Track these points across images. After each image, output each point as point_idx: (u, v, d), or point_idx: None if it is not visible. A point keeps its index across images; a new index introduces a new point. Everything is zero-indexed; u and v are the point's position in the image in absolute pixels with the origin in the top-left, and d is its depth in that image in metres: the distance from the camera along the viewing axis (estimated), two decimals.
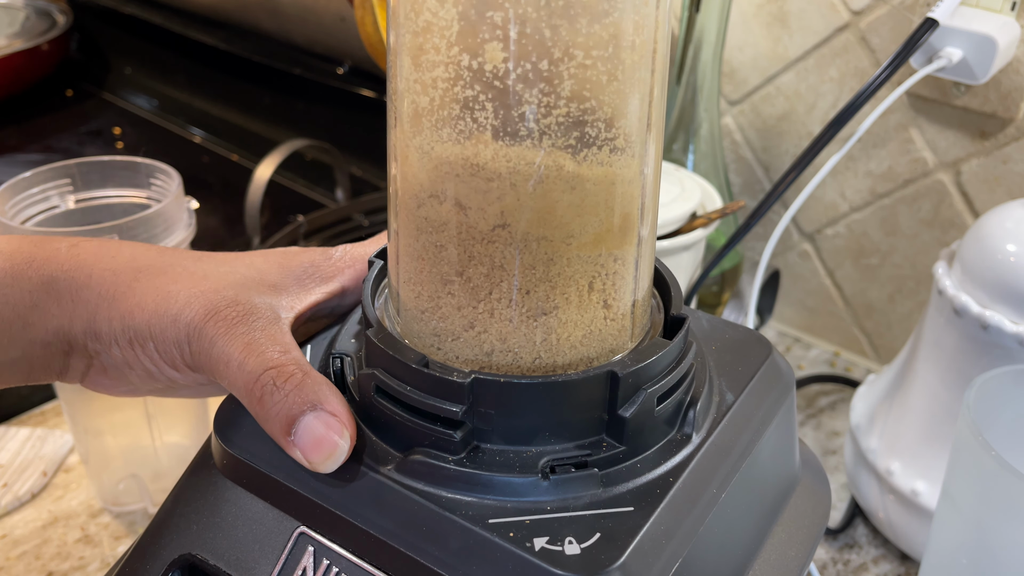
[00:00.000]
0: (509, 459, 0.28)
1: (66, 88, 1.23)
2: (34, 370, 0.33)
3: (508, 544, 0.26)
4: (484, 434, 0.28)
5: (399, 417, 0.28)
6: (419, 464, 0.28)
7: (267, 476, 0.29)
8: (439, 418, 0.28)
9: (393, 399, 0.28)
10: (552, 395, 0.27)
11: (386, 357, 0.28)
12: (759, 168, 0.76)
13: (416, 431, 0.28)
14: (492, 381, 0.27)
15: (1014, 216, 0.49)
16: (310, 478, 0.29)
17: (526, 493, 0.27)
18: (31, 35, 1.15)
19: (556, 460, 0.28)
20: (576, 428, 0.28)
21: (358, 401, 0.30)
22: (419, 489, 0.27)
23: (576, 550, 0.25)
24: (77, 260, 0.33)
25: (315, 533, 0.28)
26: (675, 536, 0.27)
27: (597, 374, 0.28)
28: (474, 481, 0.27)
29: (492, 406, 0.27)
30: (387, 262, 0.32)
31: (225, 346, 0.30)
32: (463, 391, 0.27)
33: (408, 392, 0.28)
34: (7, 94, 1.14)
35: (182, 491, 0.32)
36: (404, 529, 0.27)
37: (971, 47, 0.57)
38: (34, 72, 1.17)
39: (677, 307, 0.31)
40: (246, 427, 0.31)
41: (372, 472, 0.28)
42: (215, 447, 0.31)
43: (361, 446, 0.29)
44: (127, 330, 0.32)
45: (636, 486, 0.28)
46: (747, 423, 0.31)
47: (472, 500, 0.27)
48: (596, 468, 0.28)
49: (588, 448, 0.28)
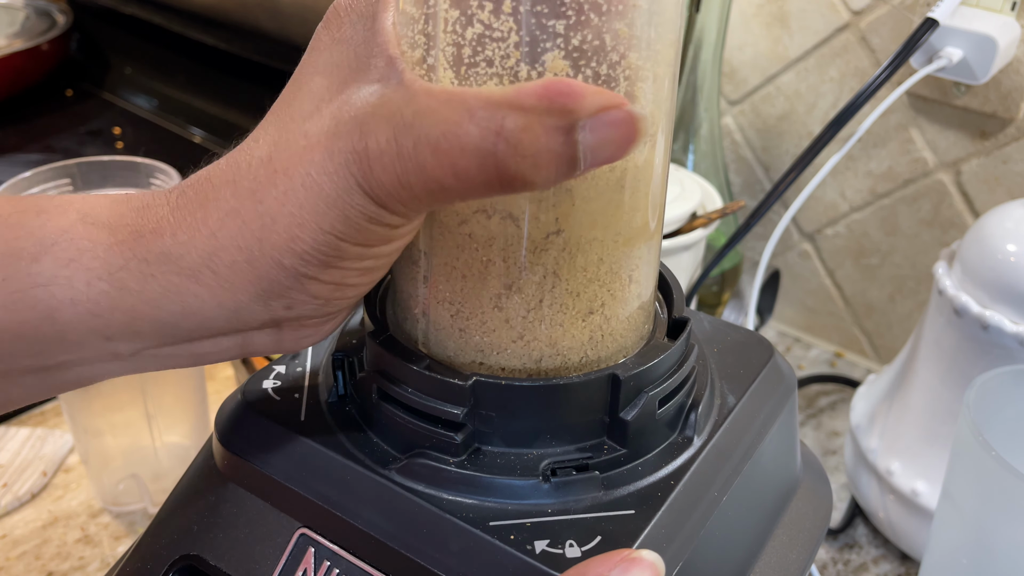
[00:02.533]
0: (510, 461, 0.28)
1: (66, 88, 1.23)
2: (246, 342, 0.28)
3: (508, 547, 0.26)
4: (485, 436, 0.28)
5: (400, 419, 0.28)
6: (420, 466, 0.27)
7: (268, 477, 0.29)
8: (441, 420, 0.27)
9: (395, 401, 0.28)
10: (553, 398, 0.27)
11: (388, 359, 0.28)
12: (759, 168, 0.76)
13: (418, 433, 0.28)
14: (493, 383, 0.27)
15: (1014, 216, 0.49)
16: (311, 479, 0.29)
17: (527, 495, 0.27)
18: (31, 35, 1.15)
19: (557, 463, 0.28)
20: (577, 431, 0.28)
21: (359, 403, 0.30)
22: (420, 491, 0.27)
23: (577, 553, 0.25)
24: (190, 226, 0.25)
25: (316, 534, 0.28)
26: (676, 539, 0.27)
27: (599, 377, 0.27)
28: (475, 483, 0.27)
29: (493, 408, 0.27)
30: None
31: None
32: (464, 393, 0.27)
33: (409, 395, 0.28)
34: (7, 94, 1.14)
35: (183, 492, 0.32)
36: (405, 531, 0.27)
37: (971, 47, 0.57)
38: (34, 72, 1.17)
39: (679, 309, 0.31)
40: (247, 428, 0.30)
41: (373, 474, 0.28)
42: (216, 448, 0.31)
43: (363, 448, 0.29)
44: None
45: (637, 489, 0.28)
46: (749, 426, 0.31)
47: (473, 502, 0.27)
48: (597, 471, 0.28)
49: (589, 451, 0.28)
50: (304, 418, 0.30)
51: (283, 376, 0.32)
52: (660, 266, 0.32)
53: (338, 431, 0.30)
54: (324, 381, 0.32)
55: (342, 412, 0.30)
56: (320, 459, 0.29)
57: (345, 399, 0.31)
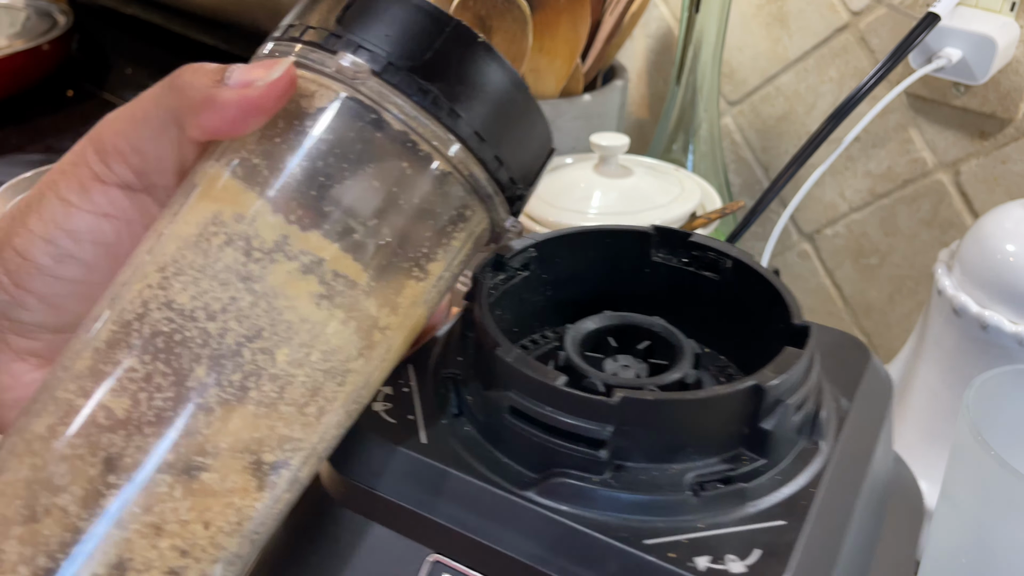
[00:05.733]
0: (653, 477, 0.27)
1: (67, 88, 1.23)
2: None
3: (671, 565, 0.25)
4: (626, 452, 0.27)
5: (537, 439, 0.27)
6: (562, 485, 0.27)
7: (392, 503, 0.28)
8: (582, 438, 0.27)
9: (530, 420, 0.27)
10: (701, 411, 0.27)
11: (522, 377, 0.27)
12: (759, 168, 0.76)
13: (556, 451, 0.27)
14: (642, 400, 0.26)
15: (1013, 216, 0.49)
16: (443, 503, 0.27)
17: (676, 511, 0.26)
18: (32, 35, 1.15)
19: (702, 476, 0.27)
20: (717, 442, 0.28)
21: (480, 421, 0.29)
22: (565, 511, 0.26)
23: (741, 568, 0.25)
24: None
25: (451, 561, 0.27)
26: (827, 546, 0.27)
27: (744, 388, 0.27)
28: (622, 501, 0.26)
29: (639, 424, 0.27)
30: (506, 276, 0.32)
31: None
32: (612, 411, 0.26)
33: (549, 413, 0.27)
34: (7, 94, 1.14)
35: (297, 521, 0.30)
36: (554, 553, 0.26)
37: (970, 47, 0.57)
38: (35, 72, 1.17)
39: (797, 315, 0.31)
40: (368, 453, 0.29)
41: (510, 495, 0.27)
42: (329, 476, 0.30)
43: (492, 468, 0.28)
44: None
45: (781, 499, 0.27)
46: (863, 428, 0.31)
47: (621, 521, 0.26)
48: (742, 482, 0.27)
49: (728, 462, 0.28)
50: (426, 440, 0.29)
51: (391, 397, 0.31)
52: (768, 273, 0.32)
53: (463, 452, 0.29)
54: (436, 400, 0.31)
55: (461, 432, 0.29)
56: (451, 482, 0.28)
57: (460, 418, 0.30)
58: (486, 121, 0.26)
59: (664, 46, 0.79)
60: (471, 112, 0.26)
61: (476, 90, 0.26)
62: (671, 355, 0.31)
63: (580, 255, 0.36)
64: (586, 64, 0.66)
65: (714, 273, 0.34)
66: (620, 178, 0.58)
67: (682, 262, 0.35)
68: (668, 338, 0.32)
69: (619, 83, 0.68)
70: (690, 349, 0.31)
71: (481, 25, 0.59)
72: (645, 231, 0.35)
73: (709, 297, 0.35)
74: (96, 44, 1.31)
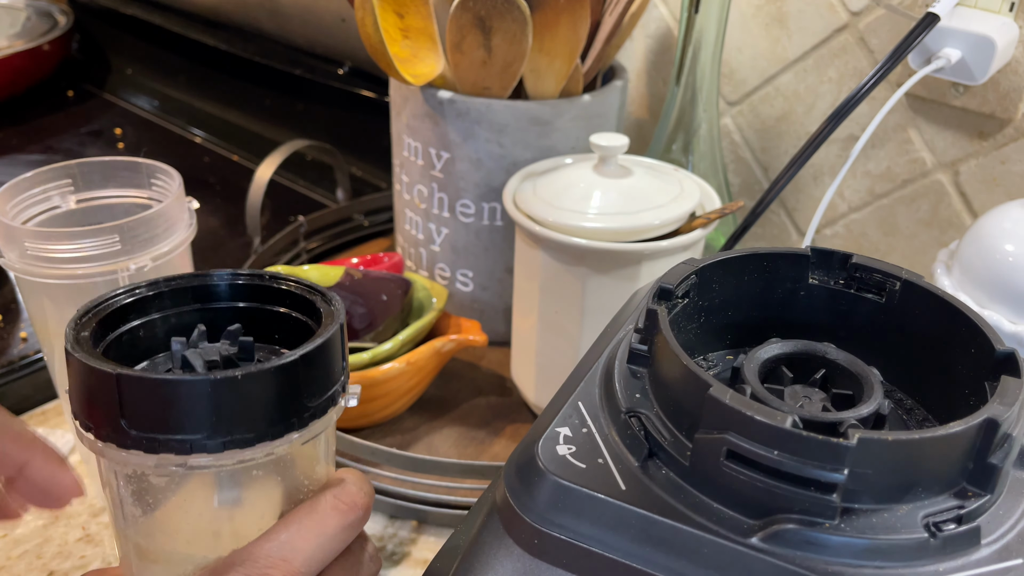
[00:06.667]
0: (884, 519, 0.26)
1: (67, 88, 1.24)
2: None
3: None
4: (854, 494, 0.26)
5: (762, 484, 0.25)
6: (790, 532, 0.25)
7: (599, 555, 0.26)
8: (812, 481, 0.25)
9: (751, 464, 0.26)
10: (937, 448, 0.26)
11: (743, 419, 0.25)
12: (758, 168, 0.76)
13: (780, 496, 0.25)
14: (881, 440, 0.25)
15: (1012, 216, 0.49)
16: (656, 554, 0.26)
17: (915, 556, 0.25)
18: (32, 35, 1.15)
19: (934, 515, 0.26)
20: (943, 479, 0.26)
21: (677, 464, 0.27)
22: (798, 559, 0.25)
23: None
24: None
25: None
26: None
27: (979, 423, 0.26)
28: (856, 546, 0.25)
29: (874, 466, 0.25)
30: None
31: None
32: (847, 452, 0.25)
33: (777, 457, 0.25)
34: (8, 94, 1.14)
35: (479, 571, 0.28)
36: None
37: (969, 48, 0.57)
38: (35, 72, 1.17)
39: (999, 341, 0.29)
40: (567, 503, 0.27)
41: (733, 544, 0.25)
42: (509, 517, 0.28)
43: (703, 514, 0.26)
44: None
45: (1014, 535, 0.26)
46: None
47: (858, 568, 0.25)
48: (973, 520, 0.26)
49: (955, 499, 0.26)
50: (625, 487, 0.27)
51: (572, 439, 0.29)
52: (949, 295, 0.31)
53: (668, 497, 0.27)
54: (623, 441, 0.29)
55: (659, 476, 0.28)
56: (661, 530, 0.26)
57: (653, 461, 0.28)
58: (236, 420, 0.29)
59: (664, 46, 0.80)
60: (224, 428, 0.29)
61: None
62: (850, 384, 0.30)
63: (735, 280, 0.34)
64: (586, 64, 0.66)
65: (877, 295, 0.34)
66: (620, 178, 0.58)
67: (839, 283, 0.34)
68: (848, 366, 0.30)
69: (619, 83, 0.68)
70: (875, 378, 0.29)
71: (481, 25, 0.59)
72: (802, 253, 0.34)
73: (869, 319, 0.33)
74: (96, 44, 1.31)
